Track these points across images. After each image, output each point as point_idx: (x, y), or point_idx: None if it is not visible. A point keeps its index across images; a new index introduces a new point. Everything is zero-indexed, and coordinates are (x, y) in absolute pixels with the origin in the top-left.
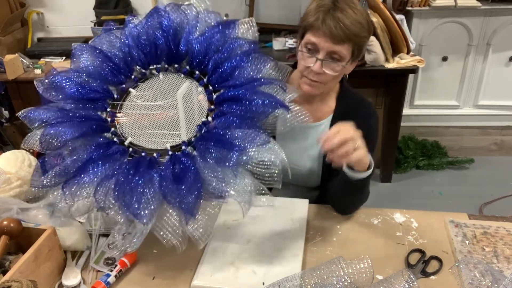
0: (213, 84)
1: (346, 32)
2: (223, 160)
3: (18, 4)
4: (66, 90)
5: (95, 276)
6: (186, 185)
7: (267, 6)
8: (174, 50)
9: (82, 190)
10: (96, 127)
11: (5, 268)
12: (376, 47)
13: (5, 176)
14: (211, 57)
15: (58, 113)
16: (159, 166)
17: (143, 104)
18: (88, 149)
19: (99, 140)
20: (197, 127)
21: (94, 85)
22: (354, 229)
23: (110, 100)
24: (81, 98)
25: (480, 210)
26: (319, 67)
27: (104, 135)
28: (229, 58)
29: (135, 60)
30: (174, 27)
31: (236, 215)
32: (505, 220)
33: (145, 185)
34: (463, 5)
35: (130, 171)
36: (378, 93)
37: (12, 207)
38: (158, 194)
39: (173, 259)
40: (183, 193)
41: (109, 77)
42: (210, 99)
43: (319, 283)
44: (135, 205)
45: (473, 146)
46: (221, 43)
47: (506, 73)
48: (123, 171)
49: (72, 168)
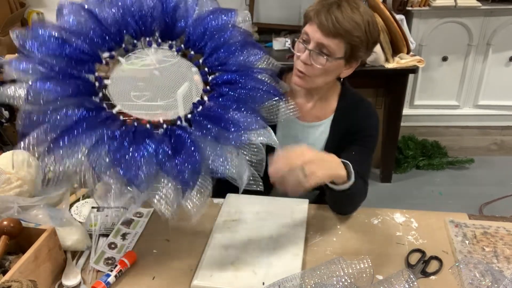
0: (209, 67)
1: (336, 26)
2: (224, 138)
3: (18, 4)
4: (51, 45)
5: (95, 276)
6: (184, 156)
7: (267, 6)
8: (170, 26)
9: (72, 152)
10: (83, 89)
11: (5, 268)
12: (376, 47)
13: (5, 176)
14: (208, 40)
15: (42, 67)
16: (155, 137)
17: (132, 75)
18: (77, 110)
19: (88, 103)
20: (193, 104)
21: (81, 46)
22: (354, 229)
23: (98, 64)
24: (67, 56)
25: (480, 210)
26: (307, 57)
27: (92, 99)
28: (226, 44)
29: (127, 28)
30: (174, 3)
31: (236, 215)
32: (505, 220)
33: (141, 153)
34: (463, 5)
35: (126, 138)
36: (378, 93)
37: (12, 206)
38: (154, 164)
39: (173, 259)
40: (180, 164)
41: (98, 41)
42: (205, 80)
43: (319, 283)
44: (131, 171)
45: (473, 146)
46: (219, 28)
47: (506, 73)
48: (117, 138)
49: (59, 126)
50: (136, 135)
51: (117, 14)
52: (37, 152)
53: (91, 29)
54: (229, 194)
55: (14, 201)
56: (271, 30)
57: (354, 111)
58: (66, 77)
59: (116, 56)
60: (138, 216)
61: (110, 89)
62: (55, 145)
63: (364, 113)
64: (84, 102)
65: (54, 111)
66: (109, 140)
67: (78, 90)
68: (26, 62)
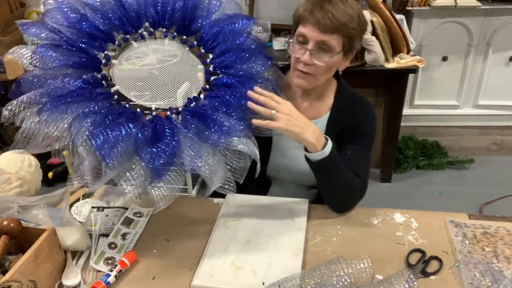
0: (214, 67)
1: (333, 21)
2: (204, 137)
3: (18, 4)
4: (69, 17)
5: (95, 276)
6: (162, 146)
7: (267, 6)
8: (188, 22)
9: (58, 118)
10: (88, 62)
11: (5, 268)
12: (376, 47)
13: (5, 176)
14: (221, 42)
15: (54, 34)
16: (140, 121)
17: (140, 61)
18: (74, 80)
19: (87, 76)
20: (188, 99)
21: (98, 23)
22: (354, 229)
23: (110, 44)
24: (81, 30)
25: (480, 210)
26: (309, 57)
27: (93, 74)
28: (236, 49)
29: (146, 16)
30: (196, 1)
31: (236, 215)
32: (505, 220)
33: (121, 134)
34: (463, 5)
35: (110, 116)
36: (378, 93)
37: (12, 206)
38: (131, 147)
39: (173, 259)
40: (156, 153)
41: (116, 22)
42: (207, 79)
43: (319, 283)
44: (106, 148)
45: (473, 146)
46: (234, 32)
47: (506, 73)
48: (103, 114)
49: (54, 92)
50: (122, 115)
51: (141, 0)
52: (28, 111)
53: (112, 10)
54: (229, 194)
55: (14, 201)
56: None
57: (350, 109)
58: (73, 48)
59: (129, 40)
60: (138, 216)
61: (114, 70)
62: (44, 107)
63: (361, 112)
64: (84, 75)
65: (53, 77)
66: (93, 114)
67: (83, 63)
68: (40, 28)
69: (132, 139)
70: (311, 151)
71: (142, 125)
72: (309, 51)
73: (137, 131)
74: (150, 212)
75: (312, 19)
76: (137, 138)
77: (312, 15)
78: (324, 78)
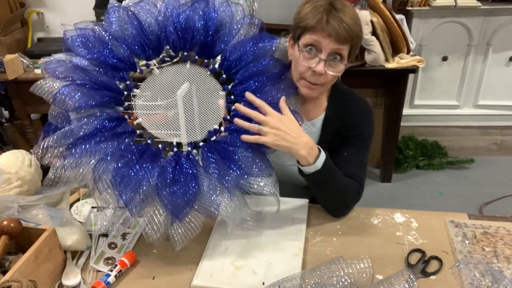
0: (236, 95)
1: (349, 32)
2: (223, 176)
3: (18, 4)
4: (92, 49)
5: (95, 276)
6: (182, 187)
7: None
8: (209, 45)
9: (83, 160)
10: (110, 99)
11: (5, 268)
12: (376, 47)
13: (5, 176)
14: (242, 67)
15: (78, 72)
16: (161, 159)
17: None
18: (98, 119)
19: (111, 113)
20: (208, 132)
21: (120, 52)
22: (354, 229)
23: (131, 72)
24: (104, 63)
25: (480, 210)
26: (322, 68)
27: (116, 108)
28: (258, 75)
29: (167, 40)
30: (218, 22)
31: None
32: (505, 220)
33: (144, 177)
34: (463, 5)
35: (133, 157)
36: (378, 93)
37: (12, 205)
38: (153, 189)
39: (173, 259)
40: (176, 195)
41: (137, 49)
42: (229, 108)
43: (319, 283)
44: (128, 194)
45: (473, 146)
46: (256, 56)
47: (506, 73)
48: (126, 155)
49: (78, 133)
50: (145, 153)
51: (162, 23)
52: (52, 154)
53: (133, 36)
54: None
55: (14, 201)
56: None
57: (345, 108)
58: (97, 86)
59: (151, 65)
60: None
61: (137, 101)
62: (70, 152)
63: (356, 110)
64: (107, 111)
65: (78, 117)
66: (117, 156)
67: (105, 100)
68: (64, 66)
69: (154, 180)
70: (303, 164)
71: (163, 166)
72: (323, 61)
73: (158, 171)
74: None
75: (330, 29)
76: (158, 179)
77: (328, 24)
78: (330, 86)
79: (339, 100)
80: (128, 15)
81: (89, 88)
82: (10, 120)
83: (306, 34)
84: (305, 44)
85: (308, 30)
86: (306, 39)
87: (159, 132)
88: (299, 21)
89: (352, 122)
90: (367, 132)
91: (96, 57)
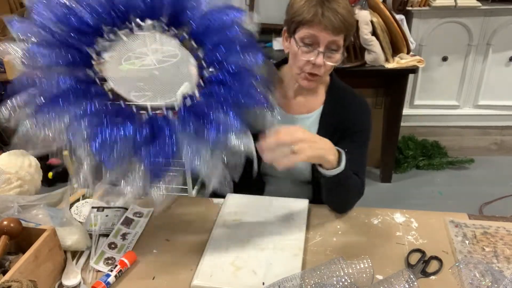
0: (207, 63)
1: (345, 23)
2: (201, 135)
3: (18, 4)
4: (57, 12)
5: (95, 276)
6: (160, 146)
7: (267, 6)
8: (178, 14)
9: (54, 120)
10: (80, 59)
11: (5, 268)
12: (376, 47)
13: (5, 176)
14: (211, 36)
15: (43, 31)
16: (137, 121)
17: (140, 62)
18: (69, 79)
19: (81, 74)
20: (183, 97)
21: (86, 17)
22: (354, 229)
23: (99, 39)
24: (70, 25)
25: (480, 210)
26: (322, 60)
27: (86, 71)
28: (228, 42)
29: (134, 7)
30: None
31: (236, 215)
32: (505, 220)
33: (119, 135)
34: (463, 5)
35: (107, 116)
36: (378, 93)
37: (12, 205)
38: (129, 147)
39: (173, 259)
40: (155, 153)
41: (104, 16)
42: (201, 74)
43: (319, 283)
44: (104, 150)
45: (473, 146)
46: (225, 24)
47: (506, 73)
48: (99, 114)
49: (48, 92)
50: (119, 115)
51: None
52: (22, 112)
53: (99, 2)
54: (229, 194)
55: (14, 201)
56: (271, 30)
57: (344, 106)
58: (64, 45)
59: (118, 34)
60: (138, 216)
61: (107, 67)
62: (39, 110)
63: (354, 108)
64: (77, 73)
65: (46, 76)
66: (90, 115)
67: (74, 60)
68: (28, 24)
69: (130, 139)
70: (328, 168)
71: (139, 124)
72: (322, 53)
73: (135, 130)
74: (150, 212)
75: (326, 22)
76: (135, 138)
77: (324, 17)
78: (327, 76)
79: (338, 95)
80: None
81: (56, 46)
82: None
83: (302, 28)
84: (302, 38)
85: (304, 24)
86: (302, 33)
87: (134, 94)
88: (293, 15)
89: (351, 120)
90: (366, 129)
91: (61, 20)
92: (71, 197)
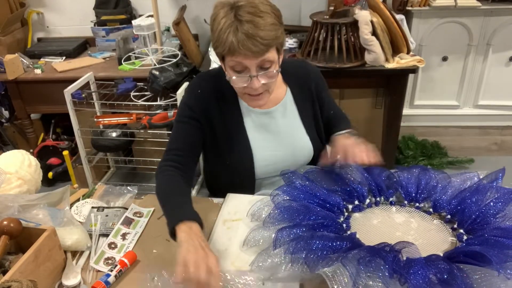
0: (465, 230)
1: (265, 43)
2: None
3: (18, 4)
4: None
5: (95, 276)
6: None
7: None
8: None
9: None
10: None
11: (5, 268)
12: (376, 47)
13: (5, 176)
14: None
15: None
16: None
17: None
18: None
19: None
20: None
21: (331, 200)
22: None
23: (345, 210)
24: (324, 202)
25: None
26: (258, 83)
27: (341, 235)
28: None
29: (376, 192)
30: (435, 183)
31: (236, 215)
32: None
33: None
34: (463, 5)
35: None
36: (378, 93)
37: (12, 205)
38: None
39: (173, 259)
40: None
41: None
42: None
43: None
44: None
45: (473, 146)
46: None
47: (506, 73)
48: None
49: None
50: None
51: (372, 183)
52: None
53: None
54: (229, 194)
55: (14, 200)
56: None
57: (301, 73)
58: (321, 224)
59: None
60: (138, 216)
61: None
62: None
63: (310, 69)
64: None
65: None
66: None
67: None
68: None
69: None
70: None
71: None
72: (254, 77)
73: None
74: (150, 212)
75: (244, 50)
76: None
77: (241, 46)
78: (275, 84)
79: (291, 70)
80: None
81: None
82: (10, 120)
83: (227, 57)
84: (231, 66)
85: (227, 54)
86: (231, 62)
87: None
88: (215, 45)
89: (314, 80)
90: (324, 81)
91: (316, 198)
92: (71, 197)
